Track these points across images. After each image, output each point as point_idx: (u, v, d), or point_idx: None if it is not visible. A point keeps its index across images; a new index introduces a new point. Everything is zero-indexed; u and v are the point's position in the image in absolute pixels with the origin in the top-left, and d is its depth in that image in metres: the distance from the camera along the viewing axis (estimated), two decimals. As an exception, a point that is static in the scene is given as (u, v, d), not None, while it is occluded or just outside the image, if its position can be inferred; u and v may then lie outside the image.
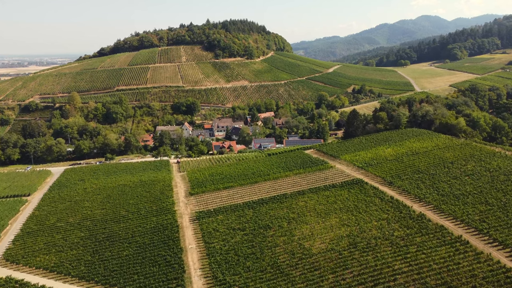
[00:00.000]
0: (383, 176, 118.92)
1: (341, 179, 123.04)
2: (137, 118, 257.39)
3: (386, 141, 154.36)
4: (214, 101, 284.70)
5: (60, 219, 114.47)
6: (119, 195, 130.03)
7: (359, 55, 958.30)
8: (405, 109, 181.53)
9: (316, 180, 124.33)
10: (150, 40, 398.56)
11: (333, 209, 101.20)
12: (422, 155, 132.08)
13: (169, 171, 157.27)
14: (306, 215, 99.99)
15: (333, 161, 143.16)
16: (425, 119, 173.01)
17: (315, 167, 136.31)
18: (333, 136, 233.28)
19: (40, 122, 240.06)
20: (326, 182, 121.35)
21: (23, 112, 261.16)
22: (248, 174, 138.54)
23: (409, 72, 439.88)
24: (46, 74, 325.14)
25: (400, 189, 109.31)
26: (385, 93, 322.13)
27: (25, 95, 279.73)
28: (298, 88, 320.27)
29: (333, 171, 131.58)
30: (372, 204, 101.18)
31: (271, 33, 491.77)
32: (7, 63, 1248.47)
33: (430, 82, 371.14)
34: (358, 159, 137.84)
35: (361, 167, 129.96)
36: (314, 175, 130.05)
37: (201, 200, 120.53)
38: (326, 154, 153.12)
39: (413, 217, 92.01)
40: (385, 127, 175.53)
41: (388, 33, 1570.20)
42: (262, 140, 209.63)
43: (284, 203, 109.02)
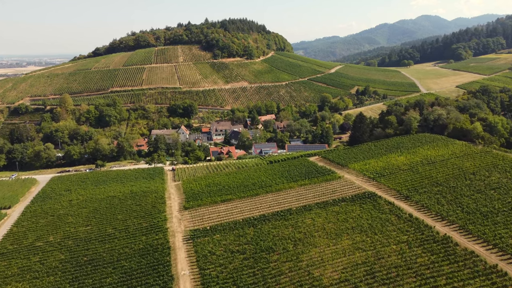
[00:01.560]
0: (398, 189, 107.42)
1: (351, 191, 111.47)
2: (132, 121, 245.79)
3: (397, 148, 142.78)
4: (212, 103, 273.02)
5: (39, 237, 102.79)
6: (107, 208, 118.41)
7: (360, 55, 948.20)
8: (416, 113, 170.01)
9: (323, 193, 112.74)
10: (147, 40, 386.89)
11: (345, 229, 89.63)
12: (439, 164, 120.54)
13: (163, 180, 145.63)
14: (314, 236, 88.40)
15: (341, 171, 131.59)
16: (438, 124, 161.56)
17: (322, 177, 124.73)
18: (337, 140, 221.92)
19: (29, 126, 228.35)
20: (335, 195, 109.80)
21: (12, 115, 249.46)
22: (248, 184, 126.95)
23: (413, 72, 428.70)
24: (37, 75, 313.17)
25: (419, 204, 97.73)
26: (390, 94, 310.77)
27: (15, 97, 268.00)
28: (299, 90, 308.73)
29: (342, 182, 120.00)
30: (388, 223, 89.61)
31: (272, 33, 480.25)
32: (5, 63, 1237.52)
33: (435, 82, 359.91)
34: (368, 169, 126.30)
35: (373, 178, 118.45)
36: (320, 186, 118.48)
37: (196, 216, 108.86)
38: (333, 162, 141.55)
39: (437, 240, 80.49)
40: (395, 132, 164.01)
41: (388, 33, 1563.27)
42: (263, 145, 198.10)
43: (289, 221, 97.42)
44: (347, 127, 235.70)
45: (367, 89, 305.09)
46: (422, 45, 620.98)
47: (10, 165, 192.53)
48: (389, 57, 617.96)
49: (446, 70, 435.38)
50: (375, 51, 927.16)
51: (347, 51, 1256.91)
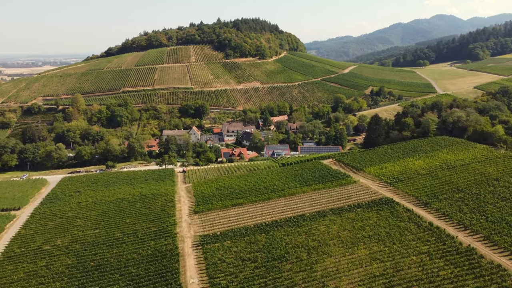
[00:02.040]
0: (417, 195, 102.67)
1: (367, 197, 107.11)
2: (143, 122, 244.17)
3: (415, 151, 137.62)
4: (224, 104, 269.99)
5: (47, 241, 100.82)
6: (116, 211, 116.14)
7: (373, 55, 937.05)
8: (434, 115, 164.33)
9: (338, 198, 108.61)
10: (159, 40, 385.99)
11: (361, 237, 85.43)
12: (459, 169, 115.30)
13: (173, 183, 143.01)
14: (329, 244, 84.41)
15: (356, 174, 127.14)
16: (457, 126, 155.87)
17: (336, 182, 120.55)
18: (351, 142, 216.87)
19: (41, 125, 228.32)
20: (350, 201, 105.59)
21: (25, 114, 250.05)
22: (260, 188, 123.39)
23: (429, 73, 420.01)
24: (50, 74, 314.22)
25: (439, 212, 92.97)
26: (405, 95, 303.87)
27: (28, 96, 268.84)
28: (313, 90, 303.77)
29: (357, 187, 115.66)
30: (407, 232, 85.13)
31: (284, 32, 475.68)
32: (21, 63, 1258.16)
33: (452, 83, 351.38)
34: (384, 173, 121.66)
35: (389, 183, 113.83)
36: (335, 191, 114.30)
37: (206, 220, 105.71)
38: (347, 166, 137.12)
39: (460, 251, 75.89)
40: (412, 134, 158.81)
41: (402, 32, 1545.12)
42: (275, 146, 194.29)
43: (302, 227, 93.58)
44: (361, 128, 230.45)
45: (382, 90, 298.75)
46: (437, 45, 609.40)
47: (22, 165, 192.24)
48: (404, 57, 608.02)
49: (463, 71, 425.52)
50: (389, 51, 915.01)
51: (361, 51, 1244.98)
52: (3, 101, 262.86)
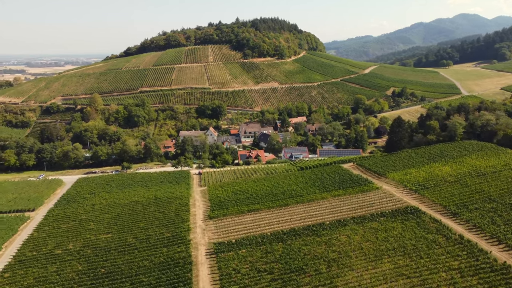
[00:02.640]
0: (445, 204, 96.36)
1: (391, 205, 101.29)
2: (160, 122, 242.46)
3: (441, 156, 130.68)
4: (242, 104, 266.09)
5: (59, 245, 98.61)
6: (129, 215, 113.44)
7: (394, 55, 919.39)
8: (461, 118, 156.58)
9: (359, 206, 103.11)
10: (177, 40, 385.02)
11: (385, 250, 79.97)
12: (490, 176, 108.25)
13: (188, 185, 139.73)
14: (350, 256, 79.27)
15: (378, 180, 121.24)
16: (485, 130, 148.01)
17: (357, 188, 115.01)
18: (372, 145, 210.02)
19: (59, 125, 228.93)
20: (373, 209, 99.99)
21: (44, 114, 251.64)
22: (277, 193, 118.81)
23: (452, 73, 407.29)
24: (70, 74, 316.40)
25: (470, 224, 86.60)
26: (428, 96, 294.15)
27: (48, 96, 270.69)
28: (332, 91, 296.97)
29: (380, 193, 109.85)
30: (435, 245, 79.25)
31: (303, 32, 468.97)
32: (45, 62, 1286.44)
33: (477, 84, 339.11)
34: (409, 179, 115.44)
35: (415, 190, 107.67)
36: (356, 198, 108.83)
37: (221, 226, 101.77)
38: (369, 171, 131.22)
39: (495, 268, 69.78)
40: (437, 138, 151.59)
41: (423, 32, 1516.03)
42: (293, 149, 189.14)
43: (321, 237, 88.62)
44: (382, 131, 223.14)
45: (404, 91, 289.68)
46: (461, 44, 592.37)
47: (39, 165, 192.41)
48: (426, 57, 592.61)
49: (489, 71, 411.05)
50: (410, 51, 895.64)
51: (381, 50, 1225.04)
52: (23, 101, 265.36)
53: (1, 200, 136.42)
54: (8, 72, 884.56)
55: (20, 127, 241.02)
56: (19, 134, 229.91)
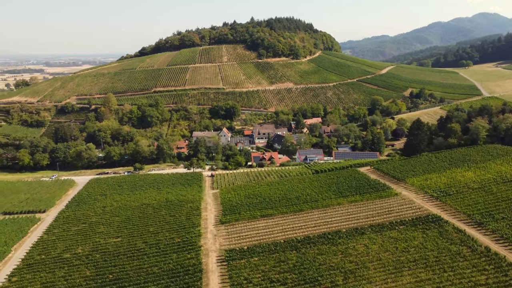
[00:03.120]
0: (469, 213, 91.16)
1: (411, 212, 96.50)
2: (173, 122, 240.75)
3: (463, 161, 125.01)
4: (256, 105, 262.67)
5: (68, 248, 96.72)
6: (140, 218, 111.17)
7: (411, 55, 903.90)
8: (484, 120, 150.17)
9: (377, 213, 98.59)
10: (192, 39, 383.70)
11: (405, 261, 75.51)
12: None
13: (200, 188, 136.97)
14: (368, 268, 75.09)
15: (397, 186, 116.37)
16: (510, 133, 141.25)
17: (375, 194, 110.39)
18: (389, 147, 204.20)
19: (73, 125, 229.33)
20: (391, 217, 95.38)
21: (59, 113, 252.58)
22: (292, 198, 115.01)
23: (472, 73, 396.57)
24: (85, 74, 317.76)
25: (497, 234, 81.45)
26: (447, 97, 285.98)
27: (63, 96, 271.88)
28: (348, 91, 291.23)
29: (399, 200, 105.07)
30: (460, 258, 74.46)
31: (319, 32, 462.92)
32: (63, 62, 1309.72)
33: (498, 85, 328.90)
34: (430, 185, 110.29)
35: (436, 197, 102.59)
36: (374, 204, 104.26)
37: (233, 232, 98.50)
38: (387, 175, 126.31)
39: (526, 285, 64.68)
40: (459, 142, 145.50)
41: (441, 32, 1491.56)
42: (308, 151, 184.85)
43: (337, 246, 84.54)
44: (400, 133, 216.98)
45: (422, 92, 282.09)
46: (482, 44, 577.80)
47: (53, 164, 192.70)
48: (445, 57, 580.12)
49: (510, 72, 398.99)
50: (427, 51, 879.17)
51: (397, 50, 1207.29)
52: (39, 100, 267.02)
53: (14, 200, 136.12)
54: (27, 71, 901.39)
55: (35, 126, 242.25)
56: (34, 134, 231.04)
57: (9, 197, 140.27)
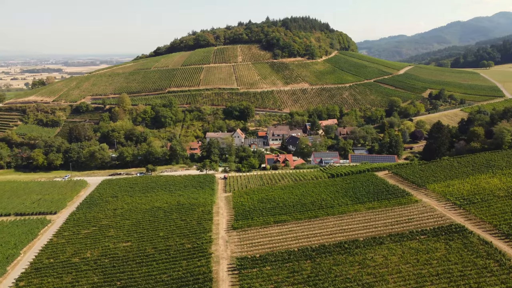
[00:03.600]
0: (495, 223, 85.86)
1: (432, 221, 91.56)
2: (187, 123, 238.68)
3: (487, 167, 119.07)
4: (270, 106, 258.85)
5: (77, 252, 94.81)
6: (150, 222, 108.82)
7: (429, 55, 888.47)
8: (509, 124, 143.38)
9: (397, 221, 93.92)
10: (206, 39, 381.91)
11: (427, 275, 70.93)
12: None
13: (212, 191, 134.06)
14: (387, 281, 70.80)
15: (417, 192, 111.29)
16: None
17: (394, 200, 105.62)
18: (407, 150, 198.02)
19: (87, 125, 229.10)
20: (411, 225, 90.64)
21: (73, 113, 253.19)
22: (306, 203, 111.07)
23: (494, 74, 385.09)
24: (100, 74, 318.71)
25: (527, 247, 76.06)
26: (468, 99, 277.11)
27: (78, 95, 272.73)
28: (365, 92, 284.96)
29: (419, 207, 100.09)
30: (486, 272, 69.57)
31: (335, 31, 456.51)
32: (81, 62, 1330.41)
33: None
34: (452, 192, 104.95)
35: (459, 205, 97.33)
36: (393, 212, 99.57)
37: (245, 238, 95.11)
38: (406, 180, 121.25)
39: (562, 305, 59.54)
40: (482, 146, 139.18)
41: (460, 31, 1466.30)
42: (324, 154, 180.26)
43: (354, 256, 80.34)
44: (419, 135, 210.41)
45: (441, 93, 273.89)
46: (503, 44, 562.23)
47: (67, 164, 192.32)
48: (464, 57, 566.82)
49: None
50: (446, 51, 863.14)
51: (415, 50, 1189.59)
52: (55, 100, 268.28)
53: (26, 201, 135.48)
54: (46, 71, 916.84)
55: (50, 126, 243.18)
56: (49, 133, 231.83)
57: (22, 197, 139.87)
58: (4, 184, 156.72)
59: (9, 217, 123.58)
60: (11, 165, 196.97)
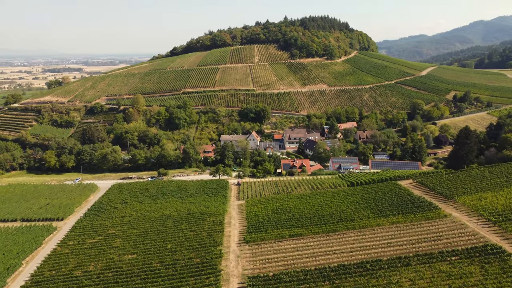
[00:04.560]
0: (537, 244, 76.76)
1: (464, 240, 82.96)
2: (201, 125, 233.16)
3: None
4: (287, 108, 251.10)
5: (80, 264, 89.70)
6: (158, 232, 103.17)
7: (451, 55, 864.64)
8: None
9: (424, 238, 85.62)
10: (223, 39, 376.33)
11: (462, 305, 62.75)
12: None
13: (225, 198, 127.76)
14: (416, 311, 62.82)
15: (446, 205, 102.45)
16: None
17: (420, 214, 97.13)
18: (431, 156, 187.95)
19: (100, 126, 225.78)
20: (441, 244, 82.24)
21: (88, 114, 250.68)
22: (324, 215, 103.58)
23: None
24: (115, 74, 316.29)
25: None
26: (495, 101, 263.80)
27: (93, 96, 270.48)
28: (385, 94, 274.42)
29: (449, 223, 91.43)
30: (532, 305, 60.94)
31: (355, 31, 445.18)
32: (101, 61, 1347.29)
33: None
34: (485, 206, 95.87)
35: (494, 222, 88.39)
36: (419, 227, 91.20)
37: (258, 254, 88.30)
38: (433, 191, 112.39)
39: None
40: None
41: (483, 31, 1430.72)
42: (342, 159, 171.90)
43: (378, 278, 72.67)
44: (443, 140, 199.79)
45: (467, 95, 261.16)
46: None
47: (79, 166, 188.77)
48: (489, 57, 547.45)
49: None
50: (468, 51, 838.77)
51: (436, 51, 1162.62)
52: (70, 100, 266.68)
53: (34, 206, 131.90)
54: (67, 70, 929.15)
55: (65, 126, 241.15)
56: (62, 134, 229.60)
57: (30, 201, 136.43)
58: (14, 187, 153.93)
59: (15, 222, 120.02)
60: (23, 166, 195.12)
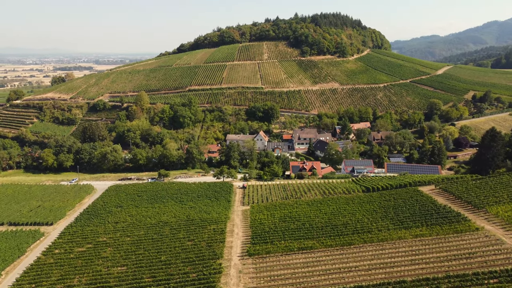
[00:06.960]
0: None
1: (502, 258, 71.50)
2: (207, 124, 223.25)
3: None
4: (297, 107, 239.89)
5: (63, 278, 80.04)
6: (153, 241, 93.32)
7: (464, 55, 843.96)
8: None
9: (454, 255, 74.26)
10: (231, 36, 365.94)
11: None
12: None
13: (228, 203, 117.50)
14: None
15: (476, 216, 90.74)
16: None
17: (448, 226, 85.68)
18: (451, 159, 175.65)
19: (102, 124, 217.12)
20: (474, 264, 70.83)
21: (90, 111, 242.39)
22: (338, 225, 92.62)
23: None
24: (120, 71, 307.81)
25: None
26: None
27: (96, 93, 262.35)
28: (400, 93, 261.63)
29: (481, 238, 79.82)
30: None
31: (368, 28, 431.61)
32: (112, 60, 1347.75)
33: None
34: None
35: (535, 237, 76.52)
36: (447, 242, 79.79)
37: (262, 269, 77.76)
38: (459, 200, 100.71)
39: None
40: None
41: (497, 31, 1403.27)
42: (356, 162, 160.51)
43: (402, 305, 61.45)
44: (464, 143, 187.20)
45: (487, 95, 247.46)
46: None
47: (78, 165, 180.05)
48: (507, 57, 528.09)
49: None
50: (483, 51, 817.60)
51: (448, 51, 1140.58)
52: (72, 97, 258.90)
53: (24, 208, 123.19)
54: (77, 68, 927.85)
55: (66, 124, 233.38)
56: (64, 132, 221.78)
57: (21, 203, 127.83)
58: (6, 187, 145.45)
59: (2, 227, 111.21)
60: (21, 165, 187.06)
